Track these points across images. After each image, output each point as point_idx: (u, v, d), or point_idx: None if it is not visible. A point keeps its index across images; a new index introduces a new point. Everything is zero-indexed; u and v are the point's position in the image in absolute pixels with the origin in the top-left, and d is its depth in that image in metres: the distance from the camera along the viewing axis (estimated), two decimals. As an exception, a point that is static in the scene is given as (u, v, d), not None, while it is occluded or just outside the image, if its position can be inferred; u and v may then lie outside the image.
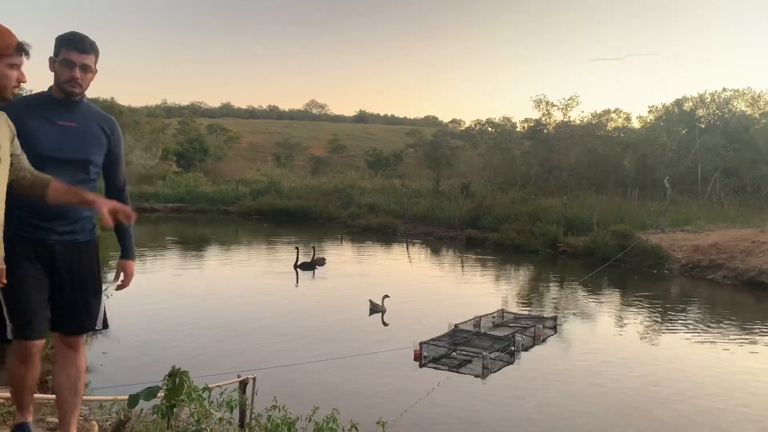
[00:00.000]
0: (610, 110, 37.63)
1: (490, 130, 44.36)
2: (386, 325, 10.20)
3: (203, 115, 79.12)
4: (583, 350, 9.18)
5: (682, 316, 11.65)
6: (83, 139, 2.57)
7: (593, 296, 13.36)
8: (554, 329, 9.96)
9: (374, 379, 7.53)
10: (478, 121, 49.22)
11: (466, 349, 8.42)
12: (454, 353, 8.34)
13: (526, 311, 11.28)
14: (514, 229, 20.08)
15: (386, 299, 10.70)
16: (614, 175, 30.57)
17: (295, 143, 59.71)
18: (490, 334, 9.24)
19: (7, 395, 3.00)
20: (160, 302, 10.81)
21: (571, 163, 31.67)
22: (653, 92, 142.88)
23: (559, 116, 34.44)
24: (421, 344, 8.22)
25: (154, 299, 10.88)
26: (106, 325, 2.78)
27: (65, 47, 2.48)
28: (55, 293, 2.54)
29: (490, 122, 45.89)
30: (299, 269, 14.76)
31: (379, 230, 23.50)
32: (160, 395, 2.83)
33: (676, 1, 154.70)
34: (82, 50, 2.49)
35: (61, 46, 2.49)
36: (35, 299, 2.46)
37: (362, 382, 7.42)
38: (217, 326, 9.48)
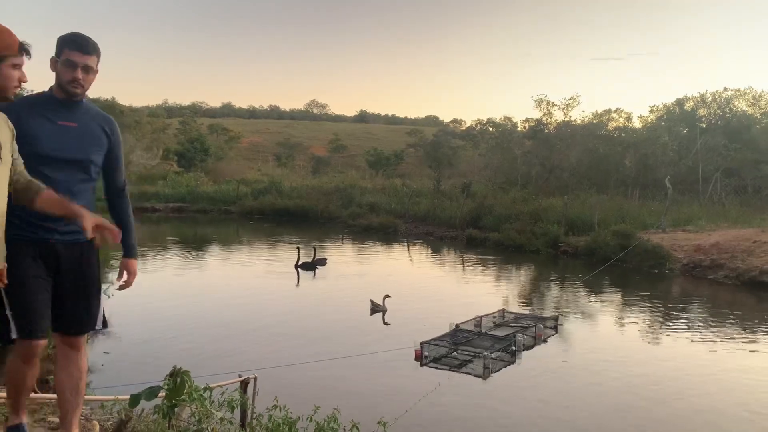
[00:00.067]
0: (611, 110, 37.64)
1: (490, 129, 44.34)
2: (387, 324, 10.20)
3: (204, 115, 79.22)
4: (584, 350, 9.18)
5: (683, 315, 11.64)
6: (84, 139, 2.57)
7: (594, 296, 13.35)
8: (555, 329, 9.95)
9: (375, 378, 7.53)
10: (478, 120, 49.30)
11: (467, 348, 8.41)
12: (455, 353, 8.34)
13: (527, 311, 11.28)
14: (515, 228, 20.07)
15: (387, 299, 10.70)
16: (615, 174, 30.55)
17: (295, 143, 59.77)
18: (491, 333, 9.23)
19: (2, 395, 2.97)
20: (161, 302, 10.82)
21: (572, 162, 31.65)
22: (654, 92, 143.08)
23: (560, 116, 34.44)
24: (422, 344, 8.21)
25: (155, 299, 10.89)
26: (105, 324, 2.79)
27: (68, 48, 2.47)
28: (57, 293, 2.54)
29: (491, 122, 45.91)
30: (300, 269, 14.76)
31: (379, 230, 23.51)
32: (161, 395, 2.84)
33: (677, 0, 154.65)
34: (85, 51, 2.49)
35: (63, 46, 2.48)
36: (40, 299, 2.47)
37: (363, 381, 7.42)
38: (217, 326, 9.48)
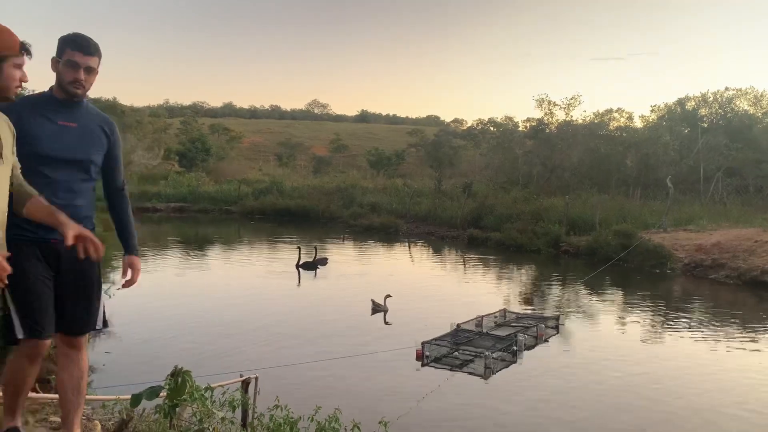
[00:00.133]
0: (612, 110, 37.65)
1: (492, 129, 44.31)
2: (388, 324, 10.20)
3: (205, 114, 79.25)
4: (585, 350, 9.17)
5: (684, 315, 11.63)
6: (84, 139, 2.57)
7: (595, 296, 13.34)
8: (556, 329, 9.94)
9: (376, 378, 7.53)
10: (480, 120, 49.24)
11: (468, 348, 8.41)
12: (456, 353, 8.34)
13: (528, 311, 11.28)
14: (516, 228, 20.06)
15: (388, 299, 10.70)
16: (616, 174, 30.52)
17: (297, 143, 59.80)
18: (492, 333, 9.22)
19: None
20: (162, 302, 10.82)
21: (573, 162, 31.63)
22: (656, 91, 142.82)
23: (561, 116, 34.41)
24: (423, 344, 8.21)
25: (156, 299, 10.89)
26: (106, 324, 2.79)
27: (70, 48, 2.47)
28: (57, 293, 2.54)
29: (492, 122, 45.87)
30: (301, 269, 14.76)
31: (381, 230, 23.50)
32: (162, 395, 2.84)
33: (677, 0, 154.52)
34: (87, 52, 2.49)
35: (65, 46, 2.48)
36: (45, 299, 2.47)
37: (364, 381, 7.42)
38: (218, 326, 9.49)
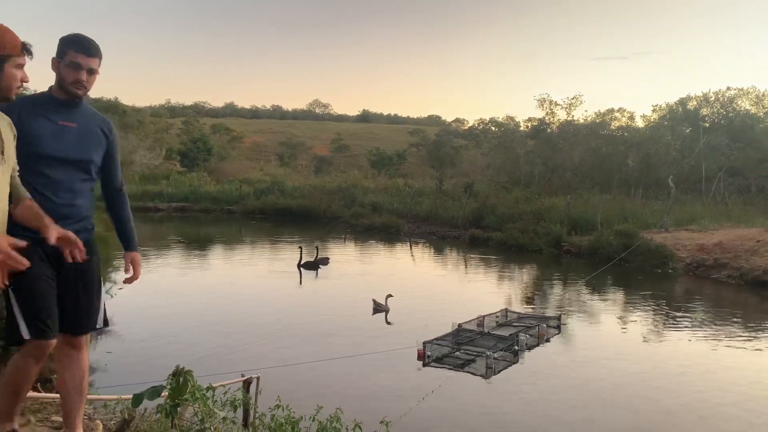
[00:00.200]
0: (613, 109, 37.75)
1: (493, 129, 44.34)
2: (390, 324, 10.20)
3: (207, 114, 79.25)
4: (586, 349, 9.16)
5: (686, 315, 11.61)
6: (84, 139, 2.58)
7: (597, 295, 13.33)
8: (558, 329, 9.93)
9: (377, 378, 7.53)
10: (481, 120, 49.18)
11: (469, 348, 8.41)
12: (457, 353, 8.34)
13: (529, 311, 11.27)
14: (517, 228, 20.06)
15: (390, 298, 10.70)
16: (618, 174, 30.50)
17: (298, 143, 59.82)
18: (493, 333, 9.22)
19: None
20: (163, 302, 10.83)
21: (574, 162, 31.62)
22: (657, 91, 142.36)
23: (562, 115, 34.42)
24: (424, 343, 8.21)
25: (157, 299, 10.90)
26: (106, 323, 2.79)
27: (72, 49, 2.46)
28: (59, 292, 2.54)
29: (493, 121, 45.88)
30: (302, 269, 14.77)
31: (382, 230, 23.51)
32: (164, 394, 2.84)
33: (679, 0, 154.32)
34: (89, 54, 2.49)
35: (67, 47, 2.47)
36: (50, 299, 2.47)
37: (365, 381, 7.42)
38: (220, 325, 9.49)
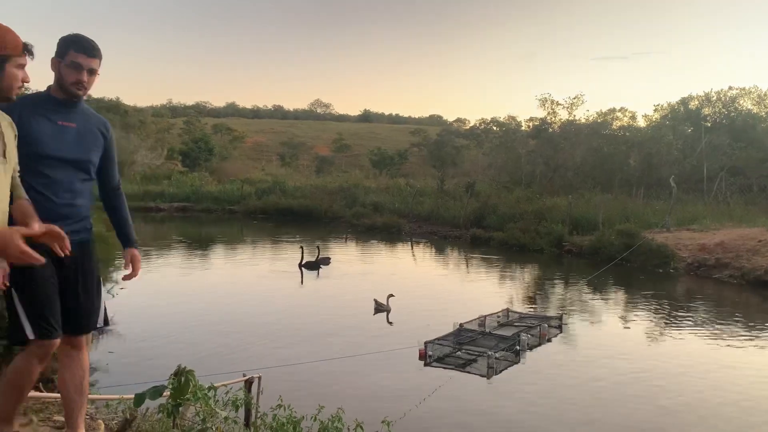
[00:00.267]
0: (615, 109, 37.69)
1: (494, 129, 44.32)
2: (391, 324, 10.20)
3: (208, 114, 79.33)
4: (588, 349, 9.16)
5: (687, 315, 11.59)
6: (83, 139, 2.58)
7: (599, 295, 13.32)
8: (560, 328, 9.93)
9: (379, 378, 7.53)
10: (482, 120, 49.16)
11: (471, 348, 8.41)
12: (459, 352, 8.33)
13: (531, 310, 11.26)
14: (519, 228, 20.05)
15: (391, 298, 10.70)
16: (619, 174, 30.48)
17: (299, 143, 59.87)
18: (495, 333, 9.22)
19: None
20: (165, 301, 10.85)
21: (576, 162, 31.61)
22: (659, 91, 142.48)
23: (564, 115, 34.42)
24: (426, 343, 8.20)
25: (159, 298, 10.92)
26: (107, 322, 2.80)
27: (74, 50, 2.46)
28: (61, 293, 2.54)
29: (495, 121, 45.85)
30: (304, 268, 14.77)
31: (383, 229, 23.51)
32: (165, 394, 2.84)
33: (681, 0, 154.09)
34: (90, 54, 2.49)
35: (68, 48, 2.47)
36: (53, 299, 2.48)
37: (367, 381, 7.42)
38: (221, 325, 9.49)
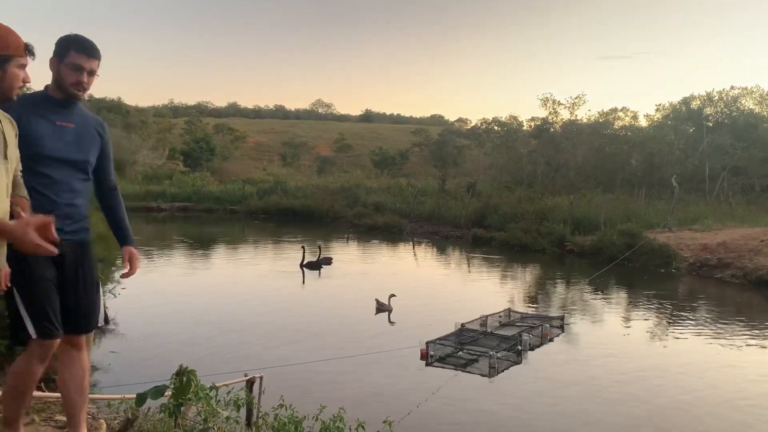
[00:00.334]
0: (617, 109, 37.68)
1: (496, 128, 44.29)
2: (392, 324, 10.20)
3: (210, 114, 79.42)
4: (590, 349, 9.15)
5: (689, 314, 11.58)
6: (82, 139, 2.59)
7: (600, 295, 13.30)
8: (561, 328, 9.92)
9: (381, 378, 7.52)
10: (484, 119, 49.14)
11: (472, 348, 8.40)
12: (460, 352, 8.33)
13: (533, 310, 11.25)
14: (520, 228, 20.04)
15: (393, 298, 10.69)
16: (621, 173, 30.46)
17: (301, 143, 59.88)
18: (496, 333, 9.21)
19: None
20: (167, 301, 10.85)
21: (577, 161, 31.59)
22: (661, 90, 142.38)
23: (565, 115, 34.43)
24: (427, 343, 8.20)
25: (161, 298, 10.92)
26: (107, 321, 2.81)
27: (74, 51, 2.46)
28: (61, 293, 2.55)
29: (496, 121, 45.81)
30: (305, 268, 14.77)
31: (385, 229, 23.50)
32: (167, 394, 2.84)
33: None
34: (91, 55, 2.50)
35: (68, 48, 2.47)
36: (54, 298, 2.48)
37: (369, 381, 7.41)
38: (223, 325, 9.49)
